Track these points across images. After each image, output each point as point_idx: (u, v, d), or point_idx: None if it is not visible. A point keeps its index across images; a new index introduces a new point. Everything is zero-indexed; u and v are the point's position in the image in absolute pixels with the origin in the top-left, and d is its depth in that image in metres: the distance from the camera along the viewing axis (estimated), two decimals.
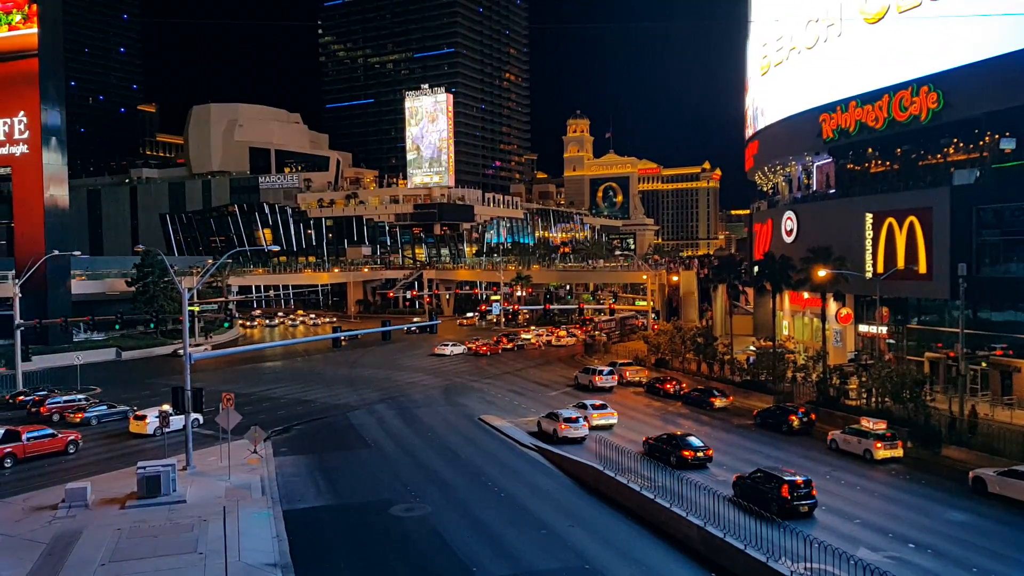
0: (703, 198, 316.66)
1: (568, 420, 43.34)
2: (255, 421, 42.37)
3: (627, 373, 63.51)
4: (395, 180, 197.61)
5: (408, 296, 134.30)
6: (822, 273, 52.01)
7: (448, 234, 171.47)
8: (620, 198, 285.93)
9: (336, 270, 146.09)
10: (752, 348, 69.15)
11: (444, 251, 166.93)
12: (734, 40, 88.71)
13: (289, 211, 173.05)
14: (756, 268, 68.20)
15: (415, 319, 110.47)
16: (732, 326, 70.19)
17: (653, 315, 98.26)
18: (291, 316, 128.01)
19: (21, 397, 54.33)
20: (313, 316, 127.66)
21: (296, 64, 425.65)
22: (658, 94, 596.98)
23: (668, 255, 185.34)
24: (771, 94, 74.79)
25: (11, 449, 38.39)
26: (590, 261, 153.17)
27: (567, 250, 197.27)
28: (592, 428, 44.32)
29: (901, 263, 51.70)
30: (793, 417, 45.34)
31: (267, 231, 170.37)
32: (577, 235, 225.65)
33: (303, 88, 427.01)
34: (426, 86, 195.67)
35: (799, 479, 30.52)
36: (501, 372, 71.53)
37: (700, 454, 37.35)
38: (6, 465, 37.88)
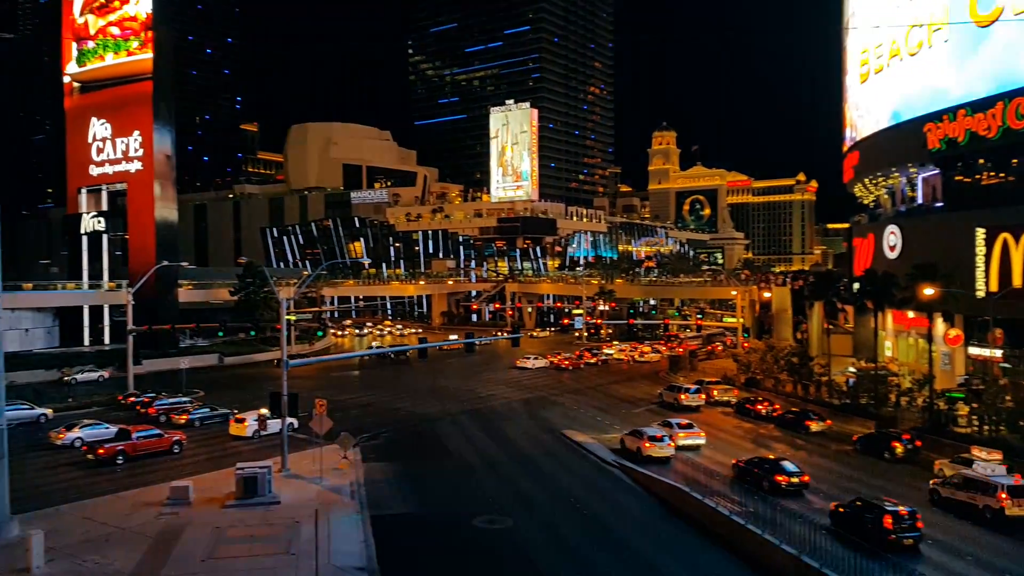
0: (797, 211, 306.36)
1: (653, 438, 42.48)
2: (345, 427, 43.42)
3: (715, 392, 61.76)
4: (479, 194, 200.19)
5: (491, 309, 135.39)
6: (929, 291, 49.23)
7: (531, 247, 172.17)
8: (708, 211, 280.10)
9: (422, 282, 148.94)
10: (851, 369, 66.05)
11: (527, 264, 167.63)
12: (830, 47, 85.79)
13: (379, 225, 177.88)
14: (856, 285, 65.30)
15: (497, 332, 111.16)
16: (829, 346, 67.38)
17: (743, 333, 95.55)
18: (379, 326, 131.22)
19: (132, 398, 57.67)
20: (400, 326, 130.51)
21: (387, 83, 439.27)
22: (749, 104, 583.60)
23: (759, 270, 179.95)
24: (871, 102, 71.77)
25: (123, 447, 40.75)
26: (675, 275, 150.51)
27: (651, 264, 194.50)
28: (678, 448, 43.29)
29: (1018, 281, 48.44)
30: (896, 444, 42.96)
31: (358, 244, 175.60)
32: (662, 249, 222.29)
33: (393, 106, 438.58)
34: (511, 101, 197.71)
35: (903, 509, 28.86)
36: (583, 387, 70.96)
37: (795, 480, 35.83)
38: (118, 461, 40.17)
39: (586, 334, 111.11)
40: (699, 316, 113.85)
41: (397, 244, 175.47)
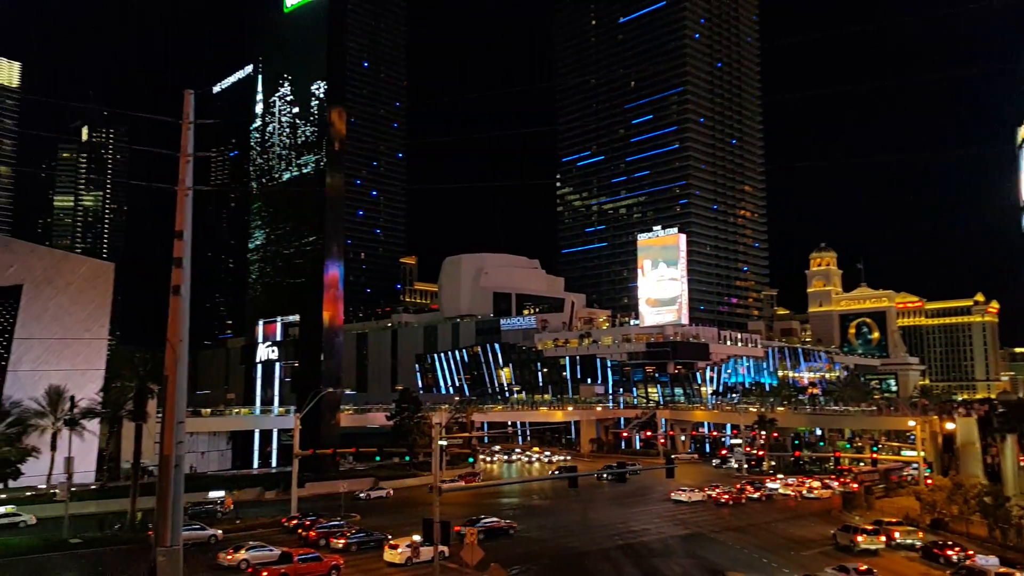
0: (978, 334, 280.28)
1: None
2: (494, 558, 42.73)
3: (896, 534, 55.74)
4: (627, 319, 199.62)
5: (642, 436, 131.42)
6: None
7: (682, 373, 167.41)
8: (876, 335, 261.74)
9: (570, 408, 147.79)
10: None
11: (678, 390, 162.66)
12: (1003, 158, 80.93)
13: (527, 351, 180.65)
14: None
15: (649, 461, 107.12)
16: None
17: (925, 467, 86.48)
18: (527, 452, 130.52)
19: (294, 521, 59.86)
20: (548, 453, 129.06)
21: (536, 214, 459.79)
22: (916, 222, 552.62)
23: (939, 399, 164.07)
24: None
25: (285, 570, 42.24)
26: (844, 404, 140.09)
27: (816, 391, 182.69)
28: None
29: None
30: None
31: (507, 370, 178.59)
32: (827, 375, 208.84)
33: (541, 235, 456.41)
34: (658, 227, 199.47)
35: None
36: (745, 524, 66.17)
37: None
38: None
39: (746, 466, 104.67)
40: (873, 449, 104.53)
41: (545, 370, 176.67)
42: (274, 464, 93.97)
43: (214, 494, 68.70)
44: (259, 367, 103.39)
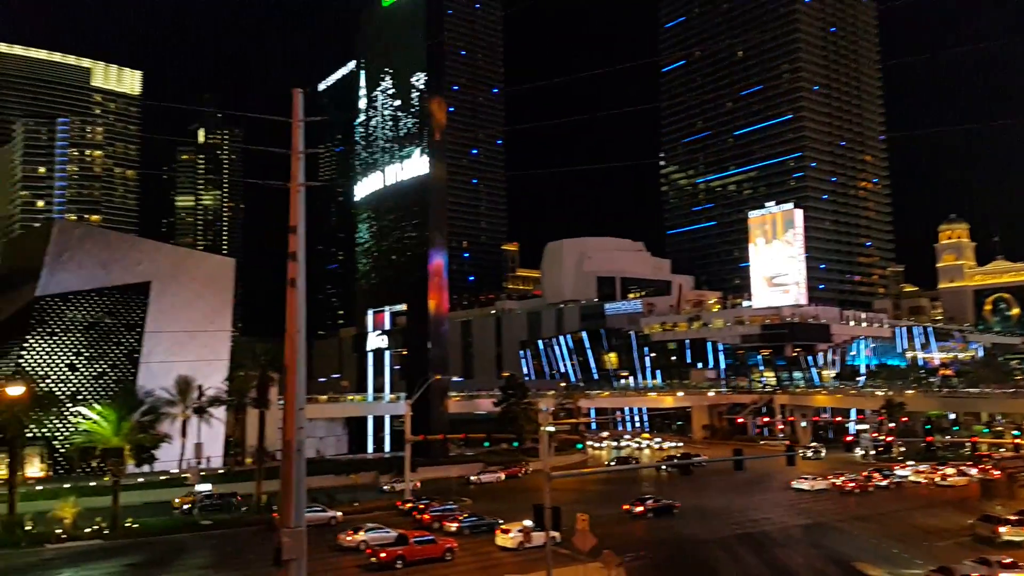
0: None
1: None
2: (606, 545, 41.74)
3: None
4: (739, 301, 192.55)
5: (758, 422, 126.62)
6: None
7: (801, 355, 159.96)
8: (1016, 311, 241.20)
9: (680, 393, 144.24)
10: None
11: (797, 374, 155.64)
12: None
13: (633, 335, 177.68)
14: None
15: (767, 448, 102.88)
16: None
17: None
18: (636, 439, 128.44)
19: (408, 504, 61.28)
20: (659, 439, 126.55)
21: (639, 195, 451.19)
22: None
23: None
24: None
25: (402, 552, 43.30)
26: (983, 386, 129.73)
27: (949, 373, 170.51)
28: None
29: None
30: None
31: (613, 355, 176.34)
32: (960, 355, 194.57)
33: (646, 217, 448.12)
34: (771, 203, 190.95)
35: None
36: (873, 513, 62.40)
37: None
38: (397, 566, 42.57)
39: (872, 453, 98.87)
40: (1015, 434, 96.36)
41: (653, 354, 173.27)
42: (387, 449, 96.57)
43: None
44: (370, 355, 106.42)
